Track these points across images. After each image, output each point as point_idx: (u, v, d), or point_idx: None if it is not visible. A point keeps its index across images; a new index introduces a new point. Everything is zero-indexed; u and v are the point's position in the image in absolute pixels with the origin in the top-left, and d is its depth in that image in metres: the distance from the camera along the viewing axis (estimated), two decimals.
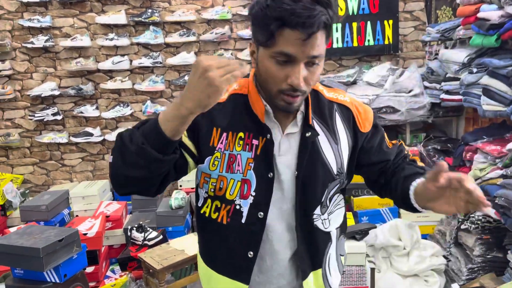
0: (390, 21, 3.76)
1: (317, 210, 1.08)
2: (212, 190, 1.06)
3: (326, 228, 1.11)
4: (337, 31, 3.77)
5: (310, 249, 1.10)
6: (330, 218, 1.12)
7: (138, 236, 2.82)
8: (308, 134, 1.04)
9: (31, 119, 3.79)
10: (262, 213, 1.04)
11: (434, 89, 3.29)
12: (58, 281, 2.03)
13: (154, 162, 0.89)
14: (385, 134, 1.18)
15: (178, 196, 3.16)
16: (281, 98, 0.98)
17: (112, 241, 3.09)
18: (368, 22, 3.76)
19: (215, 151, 1.03)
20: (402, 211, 3.13)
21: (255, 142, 1.03)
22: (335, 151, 1.08)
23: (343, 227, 1.20)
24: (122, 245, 3.10)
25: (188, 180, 3.61)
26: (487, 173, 2.49)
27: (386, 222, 2.96)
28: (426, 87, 3.36)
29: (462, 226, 2.60)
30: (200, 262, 1.21)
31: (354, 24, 3.76)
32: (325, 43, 0.95)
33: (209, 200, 1.08)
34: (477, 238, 2.50)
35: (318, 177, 1.06)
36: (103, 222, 2.90)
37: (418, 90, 3.31)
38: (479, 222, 2.50)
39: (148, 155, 0.88)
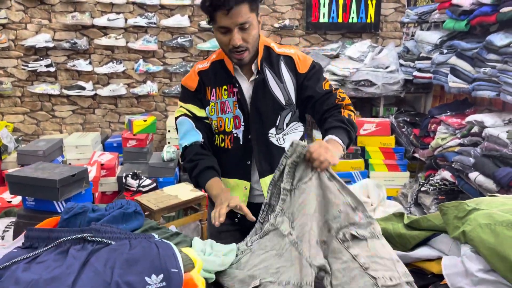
0: (374, 1, 4.03)
1: (272, 130, 1.53)
2: (216, 128, 1.55)
3: (280, 144, 1.55)
4: (324, 6, 4.00)
5: (267, 157, 1.54)
6: (285, 137, 1.55)
7: (132, 182, 3.05)
8: (256, 77, 1.48)
9: (24, 69, 3.87)
10: (250, 135, 1.52)
11: (408, 66, 3.62)
12: None
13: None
14: (324, 78, 1.54)
15: (169, 149, 3.39)
16: (232, 56, 1.41)
17: (105, 188, 3.31)
18: (353, 0, 4.01)
19: (210, 102, 1.53)
20: (371, 174, 3.49)
21: (235, 89, 1.50)
22: (282, 88, 1.51)
23: None
24: (115, 192, 3.32)
25: (176, 138, 3.83)
26: (447, 142, 2.86)
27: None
28: (401, 65, 3.69)
29: (422, 188, 2.98)
30: None
31: (341, 1, 4.00)
32: (251, 12, 1.34)
33: (216, 136, 1.57)
34: (433, 198, 2.88)
35: (268, 105, 1.50)
36: (99, 169, 3.11)
37: (394, 67, 3.62)
38: (436, 184, 2.88)
39: (195, 184, 1.56)
